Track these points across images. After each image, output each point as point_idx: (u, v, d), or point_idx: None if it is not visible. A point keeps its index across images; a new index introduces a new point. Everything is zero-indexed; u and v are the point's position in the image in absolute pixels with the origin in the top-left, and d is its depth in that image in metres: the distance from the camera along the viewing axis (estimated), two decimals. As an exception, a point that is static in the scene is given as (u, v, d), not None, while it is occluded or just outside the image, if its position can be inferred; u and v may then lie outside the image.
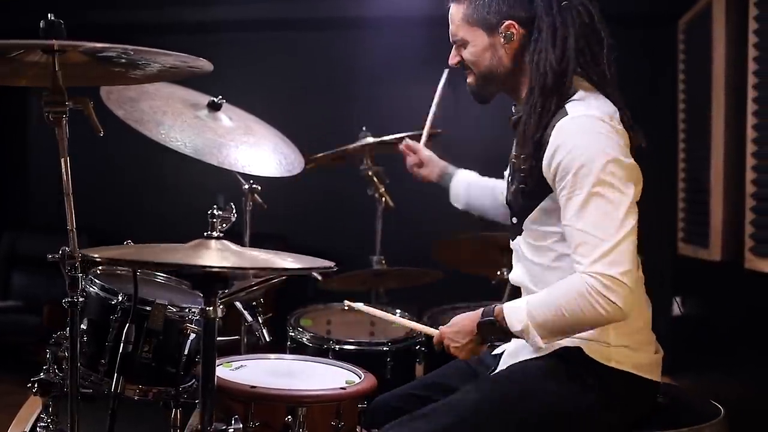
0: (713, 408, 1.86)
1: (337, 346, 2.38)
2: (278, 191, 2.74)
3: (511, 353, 1.87)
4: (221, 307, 1.56)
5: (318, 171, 2.93)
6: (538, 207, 1.75)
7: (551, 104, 1.71)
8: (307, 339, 2.46)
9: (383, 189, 3.01)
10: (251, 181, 2.64)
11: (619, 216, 1.60)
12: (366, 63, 4.80)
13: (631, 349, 1.73)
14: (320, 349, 2.40)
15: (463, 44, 1.85)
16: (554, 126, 1.68)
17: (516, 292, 3.12)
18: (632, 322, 1.71)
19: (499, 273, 3.04)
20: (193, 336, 1.89)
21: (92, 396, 1.89)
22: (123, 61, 1.62)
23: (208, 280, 1.53)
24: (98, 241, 5.20)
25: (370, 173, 2.95)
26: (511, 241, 1.92)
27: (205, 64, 1.65)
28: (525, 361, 1.80)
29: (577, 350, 1.72)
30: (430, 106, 2.59)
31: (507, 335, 1.73)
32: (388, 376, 2.36)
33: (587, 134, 1.64)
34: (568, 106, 1.70)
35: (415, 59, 4.47)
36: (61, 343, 1.90)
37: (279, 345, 2.46)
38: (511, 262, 3.09)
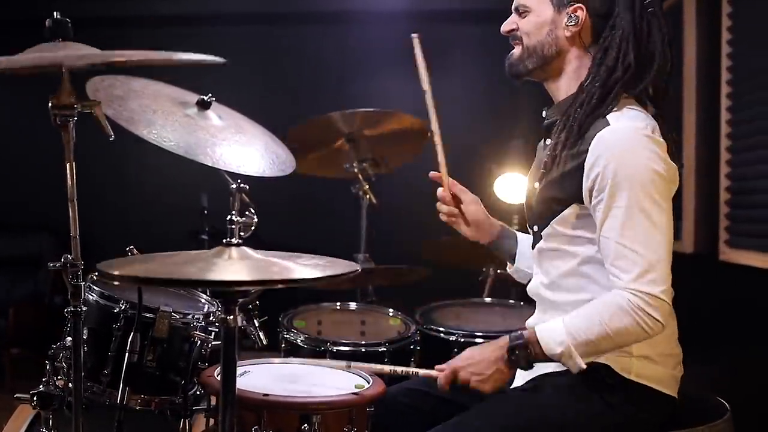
0: (717, 403, 1.88)
1: (334, 348, 2.35)
2: (261, 190, 2.67)
3: None
4: (241, 315, 1.51)
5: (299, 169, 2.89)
6: (569, 212, 1.71)
7: (608, 101, 1.67)
8: (302, 341, 2.42)
9: (367, 186, 2.99)
10: (239, 181, 2.57)
11: (660, 233, 1.60)
12: (347, 58, 4.77)
13: (652, 361, 1.71)
14: (316, 351, 2.36)
15: (525, 12, 1.79)
16: (594, 135, 1.64)
17: (497, 284, 3.17)
18: None
19: (484, 270, 3.07)
20: (198, 343, 1.84)
21: (93, 407, 1.83)
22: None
23: (228, 289, 1.48)
24: (65, 243, 5.01)
25: (355, 170, 2.92)
26: (532, 250, 1.88)
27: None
28: (547, 375, 1.75)
29: (602, 366, 1.68)
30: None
31: (541, 359, 1.66)
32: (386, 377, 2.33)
33: (629, 147, 1.61)
34: (610, 116, 1.67)
35: (395, 54, 4.43)
36: (59, 354, 1.83)
37: (270, 347, 2.42)
38: (494, 259, 3.17)
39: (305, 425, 1.74)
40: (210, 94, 2.36)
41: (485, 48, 4.42)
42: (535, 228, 1.84)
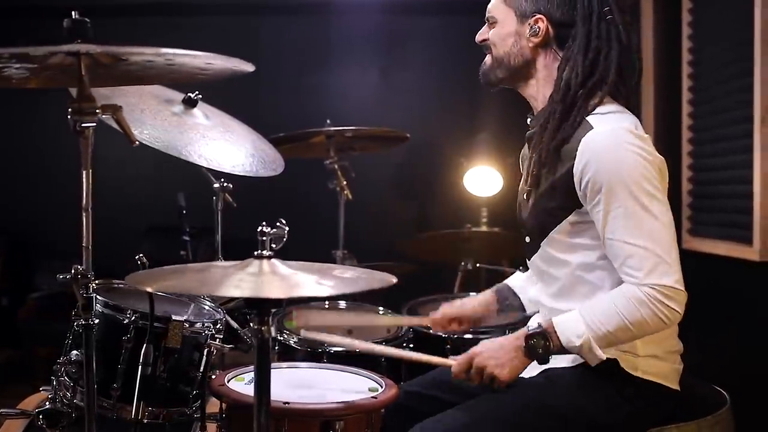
0: (714, 392, 1.92)
1: (331, 349, 2.31)
2: (238, 186, 2.59)
3: None
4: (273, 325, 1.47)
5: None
6: (569, 220, 1.73)
7: (572, 116, 1.70)
8: (296, 342, 2.37)
9: (345, 182, 2.97)
10: (222, 180, 2.51)
11: (663, 224, 1.62)
12: (328, 50, 4.67)
13: (658, 359, 1.75)
14: (312, 353, 2.32)
15: (494, 22, 1.83)
16: (580, 140, 1.66)
17: (469, 277, 3.20)
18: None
19: (463, 264, 3.09)
20: (214, 352, 1.78)
21: (101, 423, 1.75)
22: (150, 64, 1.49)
23: (261, 300, 1.44)
24: (13, 243, 4.76)
25: (335, 167, 2.89)
26: (527, 260, 1.89)
27: (245, 66, 1.53)
28: (556, 368, 1.76)
29: (611, 361, 1.70)
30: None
31: (558, 351, 1.68)
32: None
33: (618, 148, 1.63)
34: (592, 120, 1.69)
35: (376, 46, 4.39)
36: (61, 369, 1.74)
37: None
38: (473, 251, 3.19)
39: (329, 432, 1.72)
40: (197, 92, 2.29)
41: (448, 40, 4.42)
42: (529, 239, 1.85)
